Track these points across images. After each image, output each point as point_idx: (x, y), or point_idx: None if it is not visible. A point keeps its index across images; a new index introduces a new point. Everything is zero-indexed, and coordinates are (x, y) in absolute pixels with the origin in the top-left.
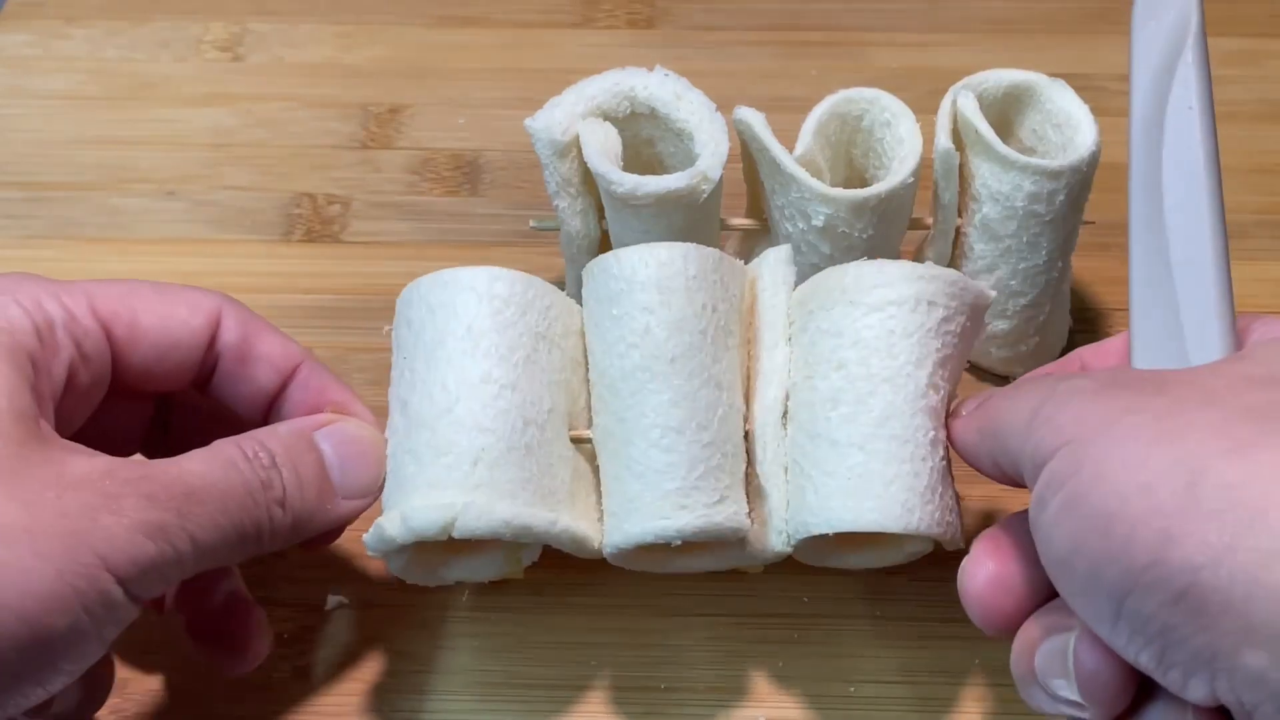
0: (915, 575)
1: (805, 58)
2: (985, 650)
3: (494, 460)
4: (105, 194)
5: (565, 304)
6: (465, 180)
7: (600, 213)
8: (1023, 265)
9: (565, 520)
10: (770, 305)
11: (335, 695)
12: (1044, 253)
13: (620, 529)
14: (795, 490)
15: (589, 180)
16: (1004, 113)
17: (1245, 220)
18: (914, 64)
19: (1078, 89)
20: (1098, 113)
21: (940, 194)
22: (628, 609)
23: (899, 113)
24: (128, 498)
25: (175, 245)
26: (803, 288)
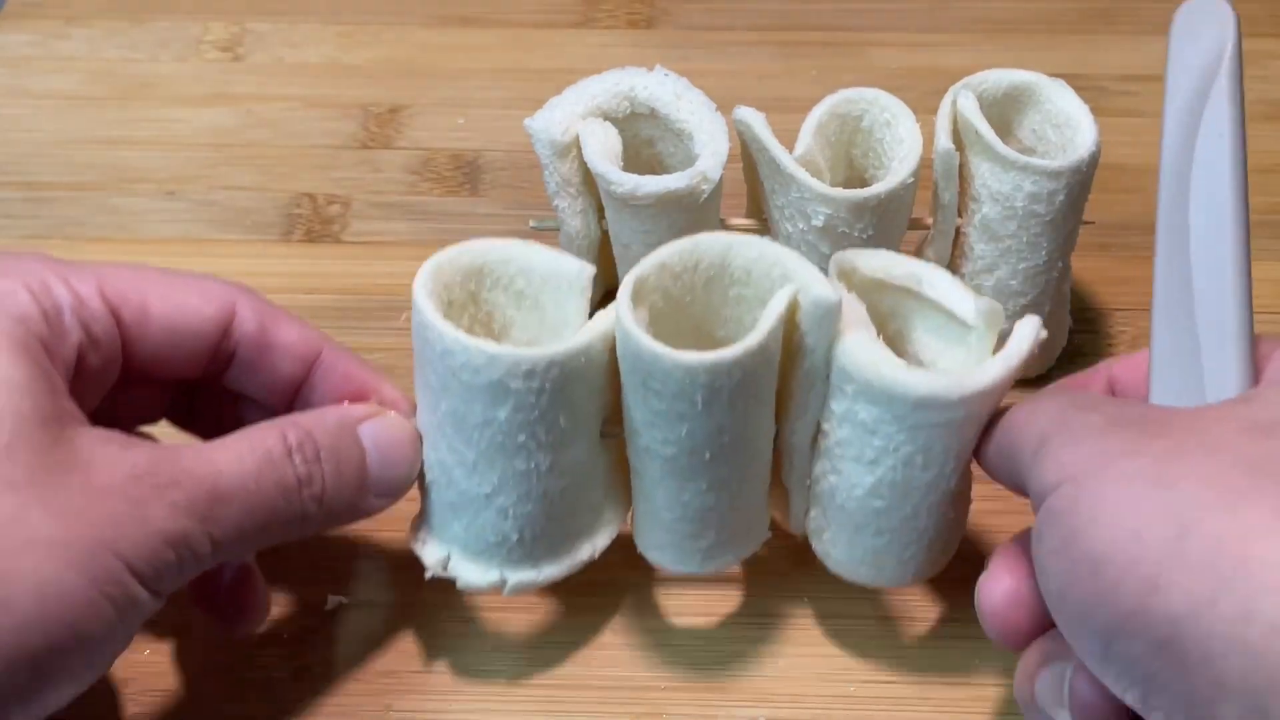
0: None
1: (805, 58)
2: (985, 650)
3: (536, 534)
4: (105, 194)
5: (593, 351)
6: (465, 180)
7: (600, 213)
8: (1023, 265)
9: (603, 540)
10: (813, 346)
11: (335, 695)
12: (1044, 253)
13: (649, 551)
14: (816, 516)
15: (589, 180)
16: (1004, 113)
17: None
18: (914, 64)
19: (1078, 89)
20: (1098, 113)
21: (940, 194)
22: (627, 609)
23: (899, 113)
24: (153, 504)
25: (175, 245)
26: (848, 348)
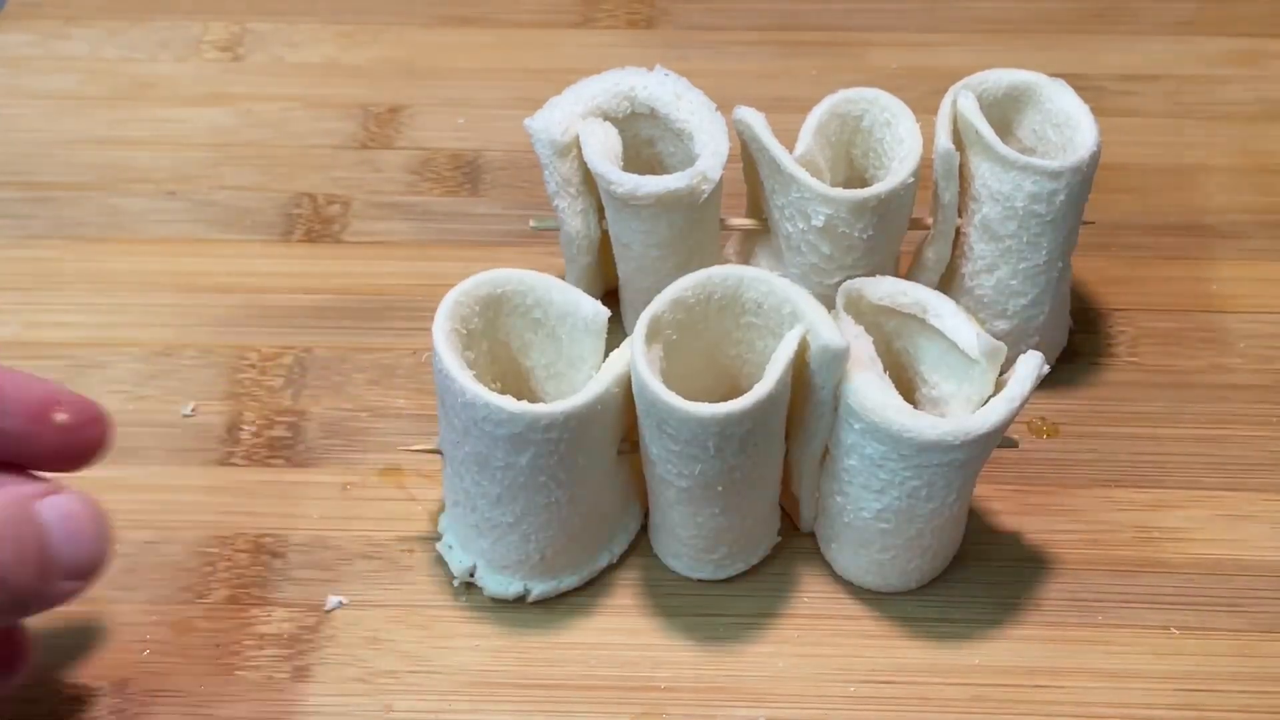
0: None
1: (805, 58)
2: (985, 650)
3: (556, 552)
4: (105, 194)
5: (610, 391)
6: (465, 180)
7: (600, 213)
8: (1023, 265)
9: (620, 546)
10: (821, 385)
11: (335, 695)
12: (1044, 253)
13: (665, 558)
14: (823, 525)
15: (589, 180)
16: (1004, 113)
17: (1245, 220)
18: (914, 64)
19: (1078, 89)
20: (1098, 113)
21: (940, 194)
22: (628, 609)
23: (899, 113)
24: None
25: (175, 245)
26: (857, 388)
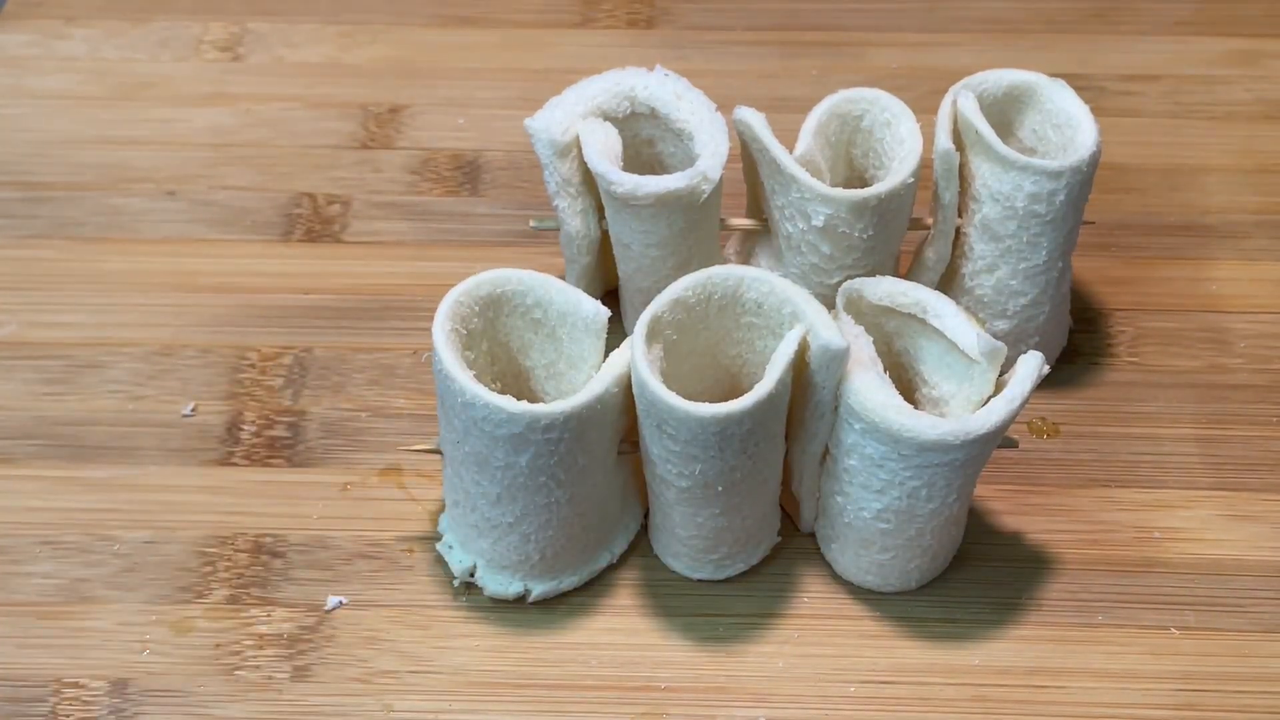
0: None
1: (805, 58)
2: (985, 650)
3: (556, 552)
4: (105, 194)
5: (611, 391)
6: (465, 180)
7: (600, 213)
8: (1023, 265)
9: (620, 546)
10: (821, 385)
11: (335, 695)
12: (1044, 253)
13: (665, 558)
14: (824, 525)
15: (589, 180)
16: (1004, 113)
17: (1245, 220)
18: (914, 64)
19: (1078, 89)
20: (1098, 113)
21: (940, 194)
22: (627, 609)
23: (899, 113)
24: None
25: (175, 245)
26: (857, 389)
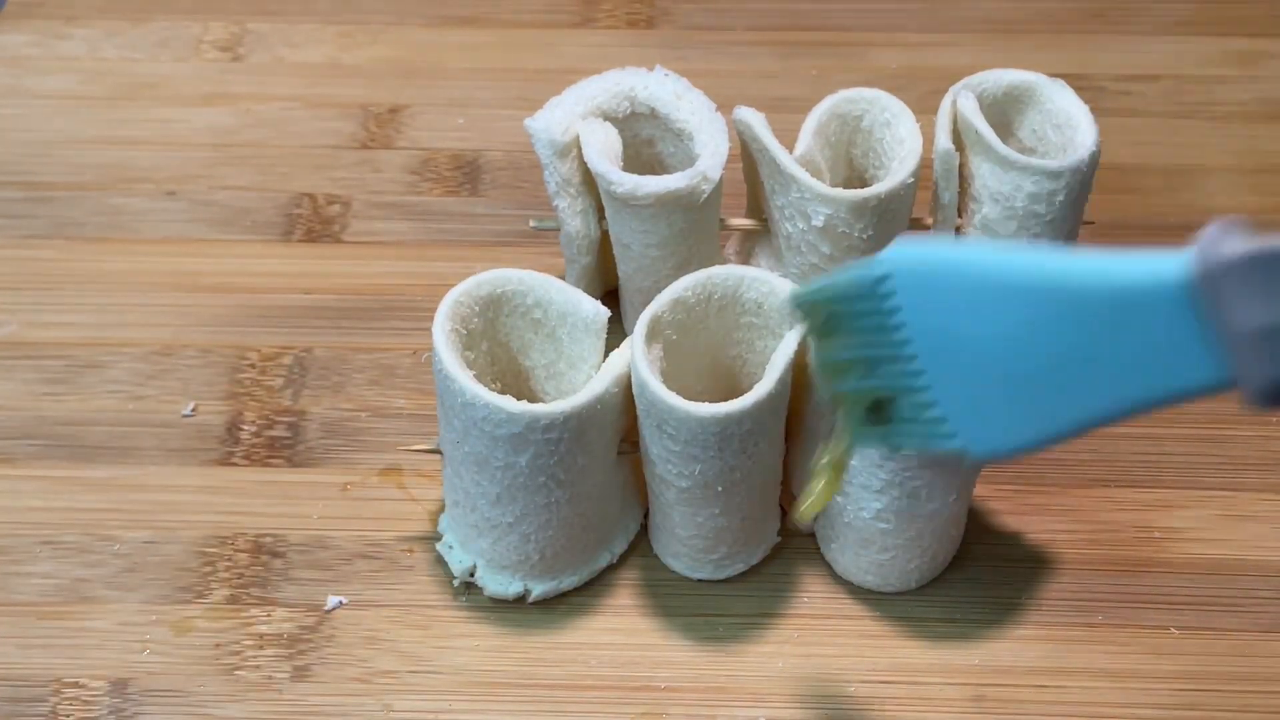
0: None
1: (805, 58)
2: (986, 650)
3: (556, 552)
4: (105, 194)
5: (613, 390)
6: (465, 180)
7: (600, 213)
8: None
9: (620, 546)
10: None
11: (335, 695)
12: None
13: (665, 558)
14: (824, 525)
15: (589, 180)
16: (1004, 113)
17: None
18: (914, 64)
19: (1078, 89)
20: (1098, 113)
21: (940, 194)
22: (627, 609)
23: (899, 113)
24: None
25: (175, 245)
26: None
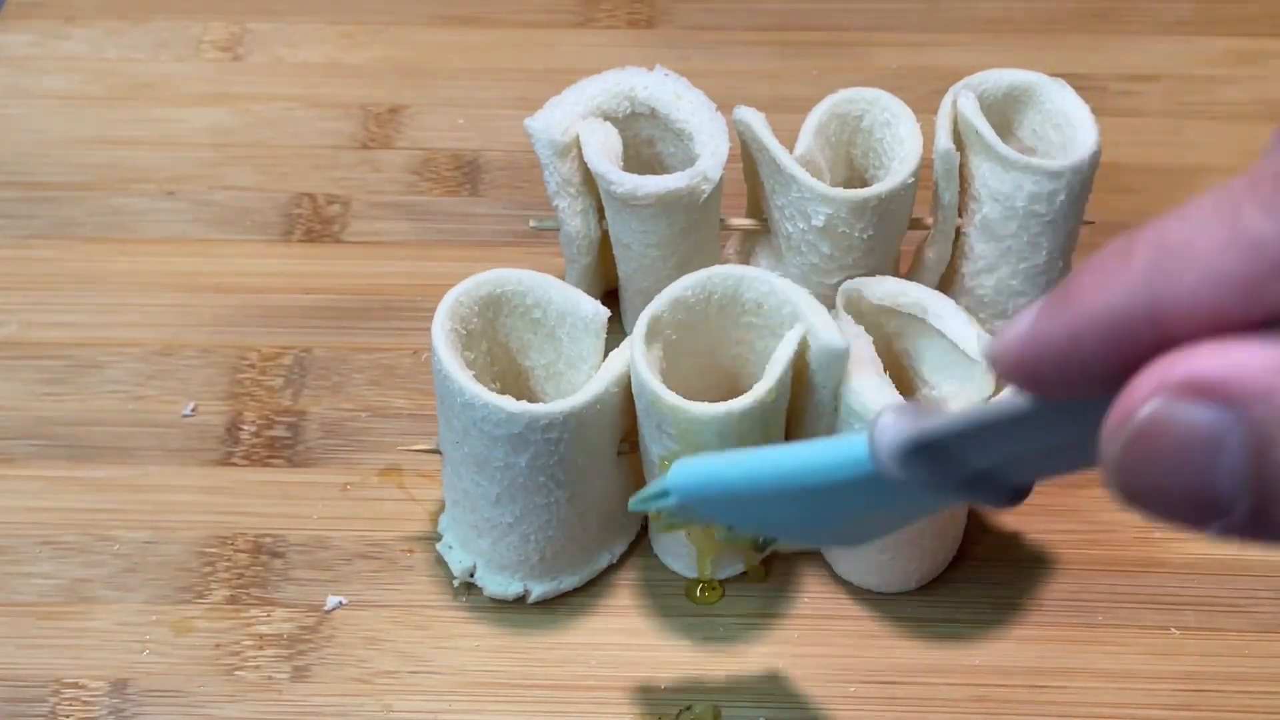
0: None
1: (805, 58)
2: (986, 650)
3: (556, 553)
4: (105, 194)
5: (611, 390)
6: (465, 180)
7: (600, 213)
8: (1023, 265)
9: (620, 546)
10: (821, 385)
11: (335, 695)
12: (1044, 253)
13: (665, 558)
14: None
15: (589, 180)
16: (1004, 113)
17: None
18: (914, 64)
19: (1078, 89)
20: (1098, 113)
21: (940, 194)
22: (628, 609)
23: (899, 113)
24: None
25: (175, 245)
26: (857, 389)
